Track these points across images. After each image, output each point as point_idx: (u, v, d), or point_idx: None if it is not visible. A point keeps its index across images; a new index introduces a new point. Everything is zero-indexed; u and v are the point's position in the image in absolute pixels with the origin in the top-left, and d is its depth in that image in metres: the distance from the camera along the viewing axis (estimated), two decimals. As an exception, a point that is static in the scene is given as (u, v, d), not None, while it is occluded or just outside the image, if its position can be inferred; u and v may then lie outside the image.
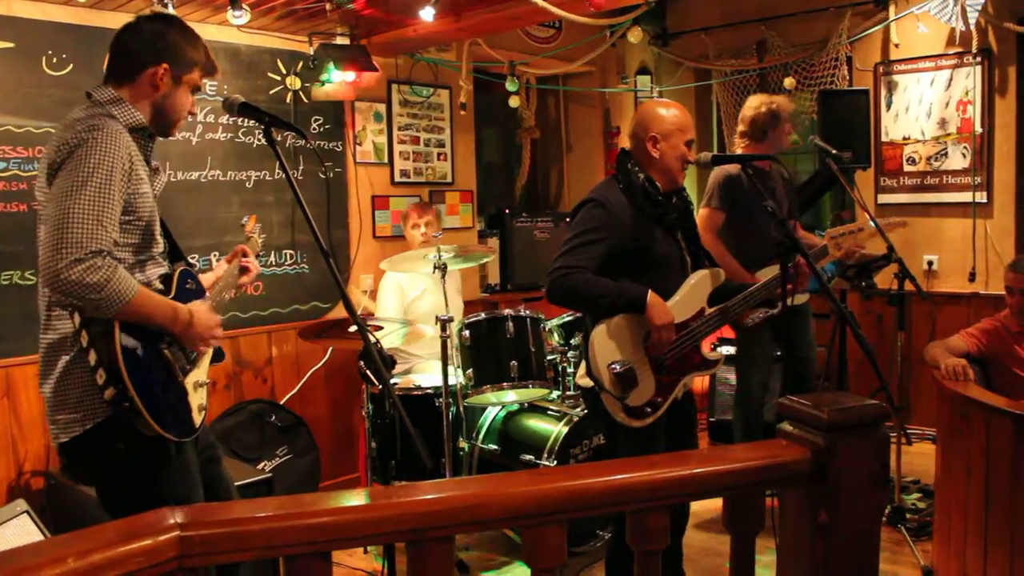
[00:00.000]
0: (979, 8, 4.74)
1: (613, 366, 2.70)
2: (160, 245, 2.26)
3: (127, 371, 1.97)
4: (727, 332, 4.84)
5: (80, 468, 2.17)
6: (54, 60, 3.72)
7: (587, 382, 2.80)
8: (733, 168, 3.92)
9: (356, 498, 1.46)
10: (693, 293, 2.86)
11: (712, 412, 5.33)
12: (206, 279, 2.48)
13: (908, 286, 3.93)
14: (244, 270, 2.60)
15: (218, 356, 2.41)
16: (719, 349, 2.97)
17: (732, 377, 5.14)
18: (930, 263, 5.31)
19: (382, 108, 5.06)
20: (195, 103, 2.35)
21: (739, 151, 4.14)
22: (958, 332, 3.75)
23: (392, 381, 3.80)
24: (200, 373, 2.27)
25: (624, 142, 6.34)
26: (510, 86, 5.44)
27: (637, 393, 2.74)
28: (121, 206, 2.03)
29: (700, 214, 3.98)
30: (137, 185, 2.10)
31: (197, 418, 2.20)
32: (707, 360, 2.90)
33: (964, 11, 4.78)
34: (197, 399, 2.21)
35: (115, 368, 1.97)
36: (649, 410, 2.76)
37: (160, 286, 2.20)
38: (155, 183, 2.31)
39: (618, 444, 2.85)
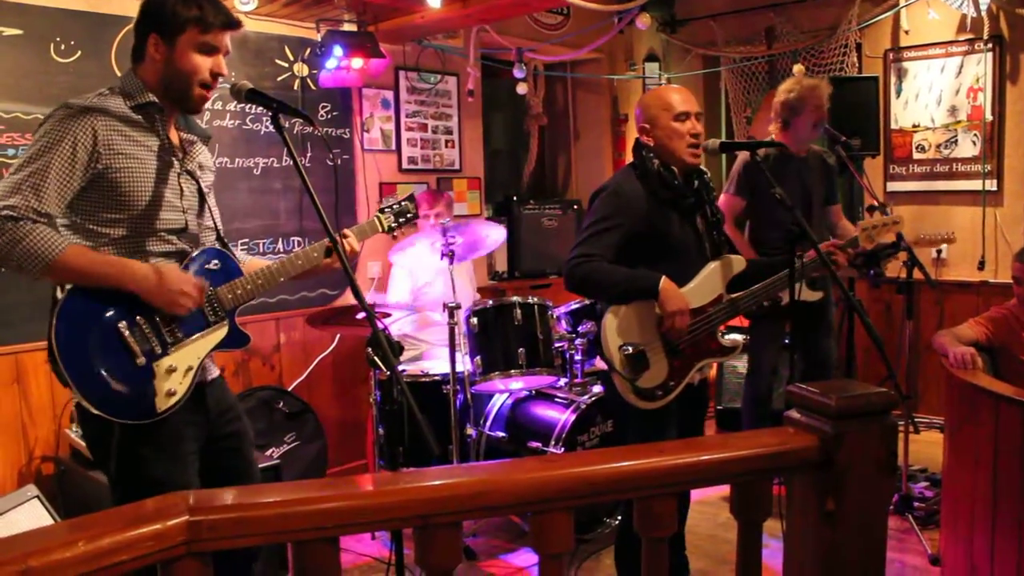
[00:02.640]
0: (991, -6, 4.70)
1: (624, 348, 2.73)
2: (166, 222, 2.21)
3: (58, 345, 2.00)
4: (739, 320, 4.83)
5: (85, 433, 2.22)
6: (62, 47, 3.72)
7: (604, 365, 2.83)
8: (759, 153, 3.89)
9: (364, 484, 1.46)
10: (711, 279, 2.87)
11: (720, 400, 5.34)
12: (260, 262, 2.43)
13: (917, 274, 3.92)
14: (329, 252, 2.49)
15: (240, 341, 2.34)
16: (728, 336, 2.96)
17: (740, 365, 5.15)
18: (939, 251, 5.28)
19: (389, 95, 5.05)
20: (217, 64, 2.19)
21: (771, 136, 4.10)
22: (967, 321, 3.74)
23: (400, 368, 3.81)
24: (183, 358, 2.18)
25: (632, 130, 6.37)
26: (518, 73, 5.42)
27: (648, 375, 2.76)
28: (70, 180, 2.04)
29: (720, 200, 3.97)
30: (112, 160, 2.09)
31: (161, 403, 2.13)
32: (723, 347, 2.91)
33: (976, -3, 4.74)
34: (168, 384, 2.14)
35: (49, 339, 2.01)
36: (660, 393, 2.77)
37: (173, 263, 2.20)
38: (186, 159, 2.28)
39: (629, 426, 2.87)
